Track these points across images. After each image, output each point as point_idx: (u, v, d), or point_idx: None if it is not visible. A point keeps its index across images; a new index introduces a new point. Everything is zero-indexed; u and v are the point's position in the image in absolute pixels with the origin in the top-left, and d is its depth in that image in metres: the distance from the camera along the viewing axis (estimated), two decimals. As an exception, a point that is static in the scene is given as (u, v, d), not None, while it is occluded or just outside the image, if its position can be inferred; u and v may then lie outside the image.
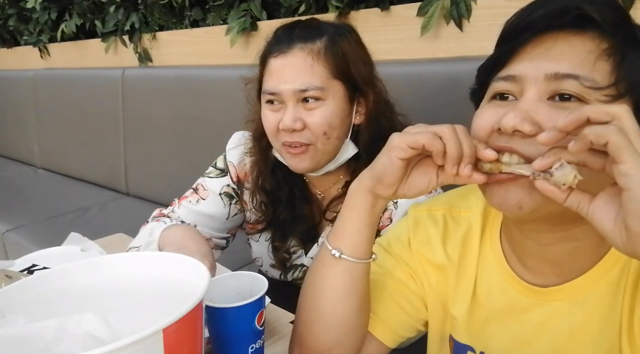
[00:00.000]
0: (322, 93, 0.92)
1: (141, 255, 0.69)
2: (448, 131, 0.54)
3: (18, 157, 3.46)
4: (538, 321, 0.62)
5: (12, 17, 3.21)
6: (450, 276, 0.70)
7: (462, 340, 0.69)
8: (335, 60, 0.93)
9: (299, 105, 0.93)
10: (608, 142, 0.42)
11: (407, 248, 0.73)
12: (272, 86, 0.94)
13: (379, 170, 0.59)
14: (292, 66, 0.93)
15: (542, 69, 0.53)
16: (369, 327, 0.72)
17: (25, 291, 0.60)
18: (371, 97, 0.98)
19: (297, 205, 1.07)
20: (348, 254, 0.64)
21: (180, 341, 0.51)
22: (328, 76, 0.93)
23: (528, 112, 0.52)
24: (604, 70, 0.52)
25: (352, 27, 1.02)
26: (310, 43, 0.93)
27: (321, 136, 0.94)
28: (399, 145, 0.56)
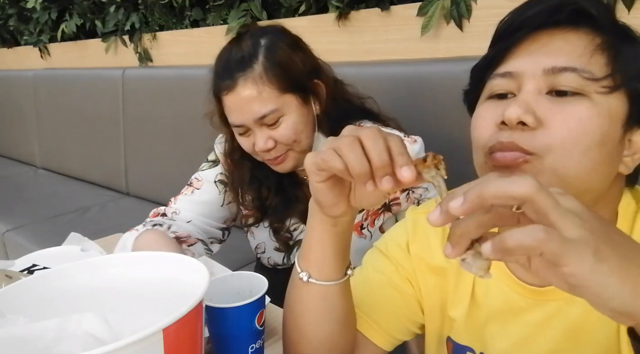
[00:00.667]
0: (278, 112, 0.99)
1: (141, 255, 0.69)
2: (345, 145, 0.46)
3: (18, 157, 3.46)
4: (536, 321, 0.62)
5: (12, 17, 3.21)
6: (450, 279, 0.69)
7: (462, 341, 0.69)
8: (277, 76, 0.98)
9: (263, 127, 1.01)
10: (543, 253, 0.35)
11: (405, 252, 0.72)
12: (235, 120, 1.02)
13: (313, 193, 0.54)
14: (243, 100, 0.98)
15: (539, 64, 0.53)
16: (364, 331, 0.71)
17: (25, 291, 0.60)
18: (321, 86, 1.05)
19: (288, 189, 1.12)
20: (316, 277, 0.61)
21: (180, 341, 0.51)
22: (277, 94, 0.98)
23: (530, 104, 0.52)
24: (599, 63, 0.52)
25: (280, 28, 1.05)
26: (250, 70, 0.98)
27: (293, 143, 1.02)
28: (311, 169, 0.50)
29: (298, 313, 0.65)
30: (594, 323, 0.59)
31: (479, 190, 0.37)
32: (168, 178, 2.27)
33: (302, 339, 0.66)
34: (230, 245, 1.23)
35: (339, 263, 0.62)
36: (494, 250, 0.36)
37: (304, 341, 0.66)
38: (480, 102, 0.60)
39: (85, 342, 0.52)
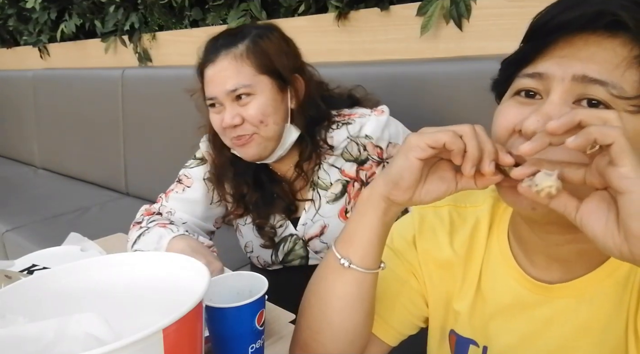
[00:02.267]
0: (250, 89, 1.03)
1: (141, 255, 0.69)
2: (469, 130, 0.52)
3: (18, 157, 3.45)
4: (544, 318, 0.62)
5: (12, 17, 3.21)
6: (457, 272, 0.69)
7: (465, 334, 0.69)
8: (257, 58, 1.04)
9: (234, 103, 1.04)
10: (614, 142, 0.42)
11: (411, 246, 0.72)
12: (210, 92, 1.06)
13: (395, 172, 0.56)
14: (221, 72, 1.04)
15: (570, 69, 0.51)
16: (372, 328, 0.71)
17: (25, 291, 0.60)
18: (301, 82, 1.09)
19: (267, 187, 1.15)
20: (357, 264, 0.62)
21: (180, 341, 0.51)
22: (254, 73, 1.04)
23: (550, 117, 0.51)
24: (633, 79, 0.50)
25: (275, 26, 1.12)
26: (233, 48, 1.04)
27: (259, 125, 1.04)
28: (418, 145, 0.53)
29: (328, 300, 0.65)
30: (602, 322, 0.59)
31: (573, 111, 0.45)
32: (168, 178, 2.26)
33: (326, 327, 0.66)
34: (230, 245, 1.23)
35: (379, 253, 0.64)
36: (578, 136, 0.43)
37: (328, 329, 0.66)
38: (505, 98, 0.59)
39: (85, 342, 0.52)
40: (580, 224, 0.47)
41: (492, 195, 0.69)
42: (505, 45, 0.60)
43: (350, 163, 1.12)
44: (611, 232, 0.44)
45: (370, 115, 1.12)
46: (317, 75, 1.15)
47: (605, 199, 0.45)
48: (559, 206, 0.48)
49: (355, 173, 1.12)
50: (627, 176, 0.42)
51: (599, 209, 0.46)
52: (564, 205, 0.48)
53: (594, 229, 0.46)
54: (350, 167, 1.12)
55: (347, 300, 0.64)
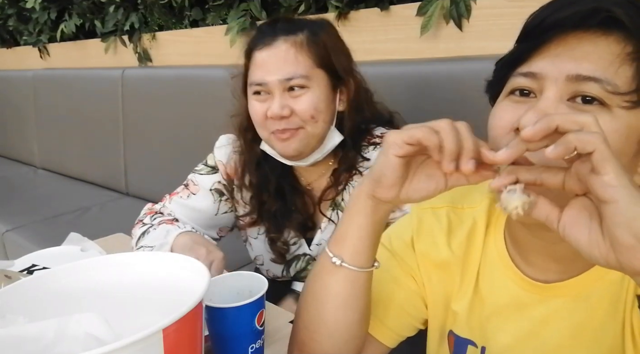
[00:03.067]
0: (306, 81, 0.97)
1: (141, 255, 0.69)
2: (446, 125, 0.51)
3: (18, 157, 3.45)
4: (541, 317, 0.62)
5: (12, 17, 3.21)
6: (455, 273, 0.70)
7: (463, 334, 0.69)
8: (317, 50, 0.99)
9: (285, 93, 0.98)
10: (595, 149, 0.40)
11: (409, 248, 0.72)
12: (259, 77, 0.99)
13: (377, 170, 0.56)
14: (277, 57, 0.97)
15: (564, 69, 0.52)
16: (370, 329, 0.71)
17: (25, 291, 0.61)
18: (352, 85, 1.04)
19: (288, 197, 1.09)
20: (349, 262, 0.62)
21: (180, 341, 0.51)
22: (312, 65, 0.98)
23: (547, 113, 0.50)
24: (626, 75, 0.50)
25: (330, 22, 1.07)
26: (293, 35, 0.98)
27: (309, 120, 0.99)
28: (395, 142, 0.53)
29: (322, 299, 0.65)
30: (599, 321, 0.59)
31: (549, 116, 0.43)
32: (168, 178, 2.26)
33: (321, 326, 0.66)
34: (230, 245, 1.23)
35: (372, 251, 0.63)
36: (557, 145, 0.42)
37: (324, 328, 0.66)
38: (500, 98, 0.59)
39: (85, 342, 0.52)
40: (563, 234, 0.46)
41: (489, 196, 0.70)
42: (505, 45, 0.60)
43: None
44: (596, 241, 0.43)
45: None
46: (364, 81, 1.09)
47: (586, 207, 0.44)
48: (540, 216, 0.47)
49: None
50: (611, 184, 0.40)
51: (581, 218, 0.45)
52: (545, 215, 0.47)
53: (578, 239, 0.45)
54: None
55: (340, 299, 0.64)
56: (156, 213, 1.16)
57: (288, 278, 1.19)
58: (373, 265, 0.64)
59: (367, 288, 0.65)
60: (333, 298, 0.64)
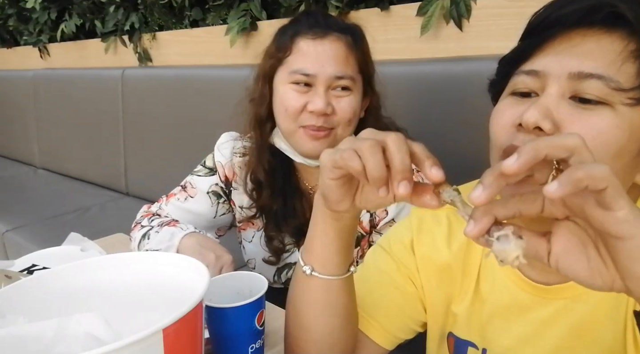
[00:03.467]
0: (352, 83, 0.97)
1: (141, 255, 0.69)
2: (367, 147, 0.45)
3: (18, 157, 3.45)
4: (542, 319, 0.62)
5: (12, 17, 3.21)
6: (456, 275, 0.69)
7: (463, 336, 0.69)
8: (360, 56, 0.99)
9: (329, 91, 0.96)
10: (608, 186, 0.36)
11: (409, 251, 0.72)
12: (306, 67, 0.95)
13: (321, 188, 0.54)
14: (331, 51, 0.95)
15: (566, 67, 0.51)
16: (366, 331, 0.71)
17: (25, 291, 0.60)
18: (373, 95, 1.04)
19: (288, 198, 1.08)
20: (319, 271, 0.61)
21: (180, 341, 0.51)
22: (357, 69, 0.98)
23: (549, 109, 0.51)
24: (629, 72, 0.50)
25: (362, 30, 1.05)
26: (344, 36, 0.97)
27: (346, 122, 0.98)
28: (325, 165, 0.50)
29: (300, 307, 0.65)
30: (600, 322, 0.59)
31: (533, 144, 0.38)
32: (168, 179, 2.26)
33: (304, 333, 0.66)
34: (230, 246, 1.23)
35: (342, 259, 0.61)
36: (562, 183, 0.36)
37: (306, 335, 0.65)
38: (502, 97, 0.59)
39: (85, 342, 0.52)
40: (556, 267, 0.42)
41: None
42: (506, 45, 0.60)
43: (365, 214, 1.05)
44: (598, 271, 0.40)
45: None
46: (380, 89, 1.08)
47: (574, 232, 0.41)
48: (529, 251, 0.43)
49: (369, 227, 1.05)
50: (626, 219, 0.37)
51: (574, 247, 0.41)
52: (534, 250, 0.43)
53: (577, 272, 0.41)
54: (366, 220, 1.05)
55: (317, 307, 0.63)
56: (153, 215, 1.16)
57: (280, 285, 1.18)
58: (348, 270, 0.62)
59: (345, 294, 0.64)
60: (310, 306, 0.64)
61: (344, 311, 0.65)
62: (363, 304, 0.71)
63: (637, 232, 0.37)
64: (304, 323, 0.65)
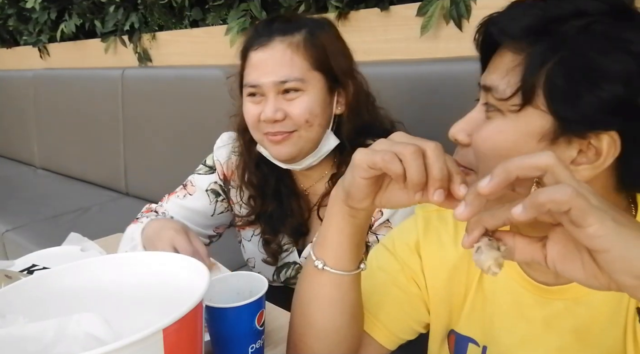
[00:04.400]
0: (301, 84, 0.95)
1: (141, 255, 0.69)
2: (410, 152, 0.48)
3: (18, 157, 3.45)
4: (543, 319, 0.62)
5: (12, 17, 3.21)
6: (461, 274, 0.69)
7: (464, 332, 0.70)
8: (314, 52, 0.96)
9: (279, 96, 0.95)
10: (571, 208, 0.37)
11: (414, 252, 0.72)
12: (253, 79, 0.97)
13: (347, 185, 0.56)
14: (272, 58, 0.95)
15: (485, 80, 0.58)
16: (369, 330, 0.71)
17: (25, 291, 0.60)
18: (351, 88, 1.01)
19: (285, 199, 1.08)
20: (331, 266, 0.62)
21: (180, 341, 0.51)
22: (308, 68, 0.95)
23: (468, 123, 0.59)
24: (513, 81, 0.53)
25: (331, 22, 1.03)
26: (290, 36, 0.95)
27: (304, 124, 0.96)
28: (360, 165, 0.52)
29: (308, 302, 0.65)
30: (601, 323, 0.59)
31: (504, 165, 0.40)
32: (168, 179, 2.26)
33: (310, 329, 0.66)
34: (230, 245, 1.23)
35: (354, 255, 0.62)
36: (526, 207, 0.39)
37: (312, 331, 0.66)
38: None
39: (85, 342, 0.52)
40: (555, 270, 0.44)
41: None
42: (506, 45, 0.61)
43: None
44: (593, 274, 0.41)
45: None
46: (366, 85, 1.06)
47: (569, 238, 0.42)
48: (525, 258, 0.45)
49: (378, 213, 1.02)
50: (597, 235, 0.38)
51: (569, 251, 0.42)
52: (530, 256, 0.45)
53: (574, 274, 0.43)
54: None
55: (326, 302, 0.64)
56: (152, 212, 1.17)
57: (279, 284, 1.19)
58: (359, 267, 0.63)
59: (354, 291, 0.65)
60: (318, 301, 0.64)
61: (352, 308, 0.65)
62: (366, 304, 0.71)
63: (611, 246, 0.38)
64: (310, 319, 0.66)
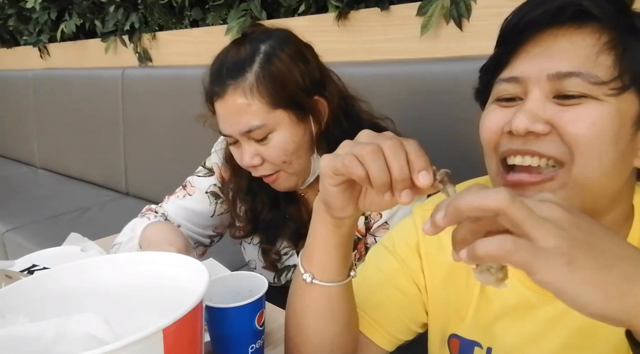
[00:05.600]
0: (266, 128, 0.92)
1: (141, 255, 0.69)
2: (368, 153, 0.46)
3: (18, 157, 3.45)
4: (548, 318, 0.62)
5: (12, 17, 3.21)
6: (461, 275, 0.69)
7: (470, 336, 0.69)
8: (269, 90, 0.90)
9: (251, 141, 0.94)
10: (512, 261, 0.36)
11: (414, 252, 0.72)
12: (223, 129, 0.97)
13: (323, 195, 0.54)
14: (230, 110, 0.93)
15: (544, 70, 0.52)
16: (367, 332, 0.71)
17: (25, 291, 0.60)
18: (324, 103, 0.96)
19: (282, 205, 1.07)
20: (319, 278, 0.61)
21: (180, 341, 0.51)
22: (267, 109, 0.91)
23: (536, 113, 0.52)
24: (606, 64, 0.51)
25: (286, 36, 0.97)
26: (241, 80, 0.91)
27: (282, 164, 0.95)
28: (326, 172, 0.50)
29: (300, 314, 0.65)
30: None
31: (455, 203, 0.39)
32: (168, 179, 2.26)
33: (305, 340, 0.66)
34: (230, 246, 1.23)
35: (342, 264, 0.61)
36: (468, 256, 0.39)
37: (307, 342, 0.66)
38: (488, 104, 0.60)
39: (85, 342, 0.52)
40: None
41: None
42: (505, 45, 0.60)
43: (361, 217, 1.00)
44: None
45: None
46: (340, 85, 1.02)
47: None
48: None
49: (364, 229, 1.01)
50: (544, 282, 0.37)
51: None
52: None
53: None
54: (361, 223, 1.00)
55: (317, 314, 0.63)
56: (150, 211, 1.17)
57: (280, 285, 1.19)
58: (348, 275, 0.63)
59: (345, 300, 0.64)
60: (311, 313, 0.64)
61: (344, 317, 0.65)
62: (363, 305, 0.70)
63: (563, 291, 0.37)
64: (304, 330, 0.65)
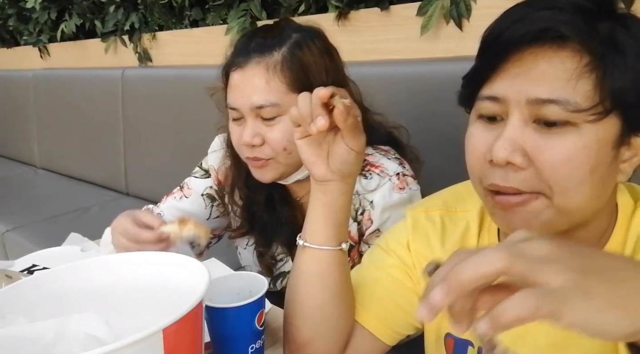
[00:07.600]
0: (279, 109, 0.90)
1: (141, 254, 0.69)
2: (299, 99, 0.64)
3: (18, 157, 3.45)
4: None
5: (12, 17, 3.21)
6: None
7: (463, 335, 0.70)
8: (293, 73, 0.90)
9: (258, 119, 0.92)
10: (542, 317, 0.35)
11: (406, 249, 0.74)
12: (231, 101, 0.94)
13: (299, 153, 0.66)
14: (248, 81, 0.91)
15: (523, 93, 0.52)
16: (360, 320, 0.73)
17: (25, 291, 0.61)
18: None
19: (278, 208, 1.06)
20: (310, 241, 0.68)
21: (180, 341, 0.51)
22: (286, 90, 0.90)
23: (516, 141, 0.52)
24: (586, 89, 0.50)
25: (318, 32, 0.97)
26: (267, 56, 0.90)
27: (281, 152, 0.92)
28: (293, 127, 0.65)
29: (294, 280, 0.71)
30: None
31: (456, 279, 0.37)
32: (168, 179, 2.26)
33: (297, 309, 0.70)
34: (230, 246, 1.23)
35: (331, 233, 0.68)
36: (493, 328, 0.36)
37: (299, 312, 0.70)
38: (471, 120, 0.60)
39: (85, 342, 0.52)
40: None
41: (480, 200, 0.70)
42: (505, 45, 0.60)
43: (353, 223, 0.98)
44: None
45: (390, 181, 0.94)
46: (358, 93, 1.01)
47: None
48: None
49: (357, 236, 1.00)
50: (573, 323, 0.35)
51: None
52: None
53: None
54: (354, 229, 0.99)
55: (308, 278, 0.69)
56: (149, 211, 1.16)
57: (276, 290, 1.18)
58: (338, 245, 0.68)
59: (336, 268, 0.69)
60: (302, 277, 0.70)
61: (335, 285, 0.69)
62: (363, 302, 0.73)
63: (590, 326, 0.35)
64: (296, 296, 0.70)
